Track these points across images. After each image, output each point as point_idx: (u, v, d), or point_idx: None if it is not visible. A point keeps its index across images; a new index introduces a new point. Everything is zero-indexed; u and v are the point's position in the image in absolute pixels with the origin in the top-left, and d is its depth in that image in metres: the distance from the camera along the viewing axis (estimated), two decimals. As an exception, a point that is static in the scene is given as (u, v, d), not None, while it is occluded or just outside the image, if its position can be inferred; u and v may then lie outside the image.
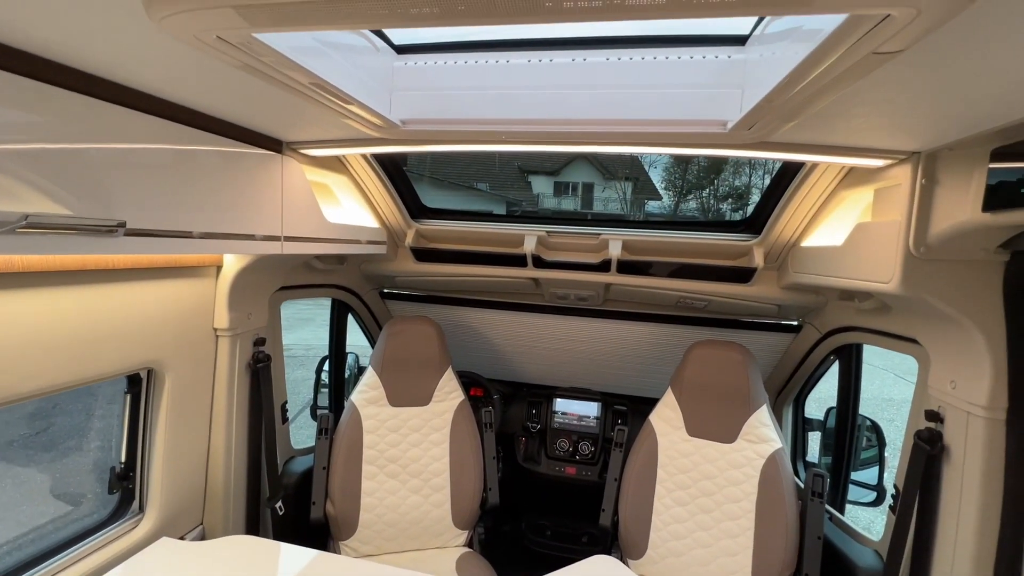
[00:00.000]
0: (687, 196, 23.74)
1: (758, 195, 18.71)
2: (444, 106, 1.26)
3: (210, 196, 1.31)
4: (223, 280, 1.70)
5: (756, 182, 23.05)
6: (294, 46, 0.88)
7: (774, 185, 1.86)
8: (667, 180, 24.23)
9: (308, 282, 2.22)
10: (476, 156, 22.89)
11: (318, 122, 1.37)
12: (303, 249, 1.69)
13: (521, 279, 2.43)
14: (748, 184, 23.05)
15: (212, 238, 1.32)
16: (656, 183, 23.66)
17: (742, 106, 1.11)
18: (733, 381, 2.08)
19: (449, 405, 2.39)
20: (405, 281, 2.67)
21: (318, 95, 1.06)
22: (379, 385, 2.34)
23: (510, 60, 1.23)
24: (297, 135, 1.55)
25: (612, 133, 1.20)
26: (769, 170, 25.16)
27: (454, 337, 2.98)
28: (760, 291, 2.15)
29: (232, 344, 1.77)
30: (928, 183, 1.21)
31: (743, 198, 23.12)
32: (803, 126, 1.11)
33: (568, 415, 2.87)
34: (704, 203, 23.37)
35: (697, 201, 23.51)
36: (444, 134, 1.32)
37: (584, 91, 1.19)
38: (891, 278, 1.28)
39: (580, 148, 1.40)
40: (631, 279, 2.25)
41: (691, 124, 1.14)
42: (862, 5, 0.55)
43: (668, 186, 24.20)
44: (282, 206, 1.57)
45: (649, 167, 23.61)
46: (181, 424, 1.66)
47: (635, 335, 2.69)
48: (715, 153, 1.32)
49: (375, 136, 1.40)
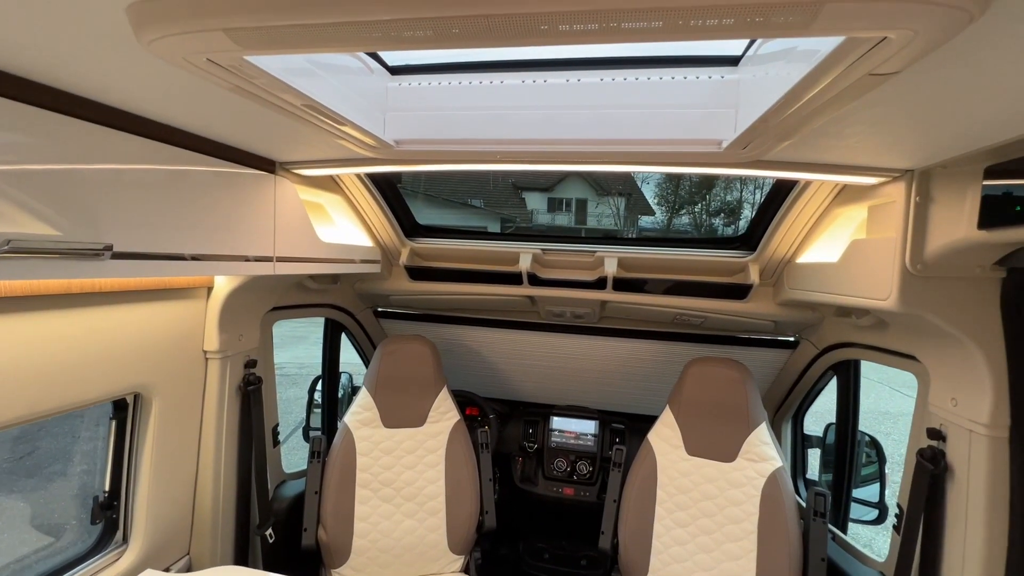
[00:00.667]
0: (679, 211, 23.98)
1: (750, 209, 18.73)
2: (438, 126, 1.25)
3: (201, 217, 1.29)
4: (214, 301, 1.67)
5: (747, 196, 23.35)
6: (286, 67, 0.87)
7: (768, 202, 1.86)
8: (660, 195, 24.51)
9: (301, 302, 2.19)
10: (470, 173, 22.98)
11: (311, 142, 1.36)
12: (296, 270, 1.67)
13: (516, 297, 2.41)
14: (740, 199, 23.35)
15: (203, 260, 1.30)
16: (649, 199, 23.91)
17: (736, 126, 1.11)
18: (732, 399, 2.06)
19: (444, 426, 2.35)
20: (399, 300, 2.65)
21: (311, 116, 1.05)
22: (373, 406, 2.30)
23: (504, 80, 1.23)
24: (290, 155, 1.54)
25: (606, 152, 1.20)
26: (760, 185, 25.64)
27: (449, 356, 2.94)
28: (756, 308, 2.15)
29: (222, 367, 1.73)
30: (923, 201, 1.21)
31: (735, 213, 23.38)
32: (797, 145, 1.11)
33: (565, 434, 2.83)
34: (696, 218, 23.61)
35: (690, 216, 23.76)
36: (438, 154, 1.31)
37: (578, 111, 1.19)
38: (888, 295, 1.28)
39: (574, 167, 1.40)
40: (627, 296, 2.24)
41: (686, 143, 1.14)
42: (858, 29, 0.54)
43: (661, 201, 24.46)
44: (275, 226, 1.55)
45: (642, 183, 23.88)
46: (168, 450, 1.62)
47: (632, 352, 2.67)
48: (710, 171, 1.32)
49: (369, 156, 1.39)
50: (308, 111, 1.01)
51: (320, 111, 1.01)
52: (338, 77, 1.08)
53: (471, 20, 0.57)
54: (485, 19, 0.56)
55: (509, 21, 0.57)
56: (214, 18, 0.61)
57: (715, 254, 2.10)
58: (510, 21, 0.57)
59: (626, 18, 0.55)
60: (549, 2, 0.53)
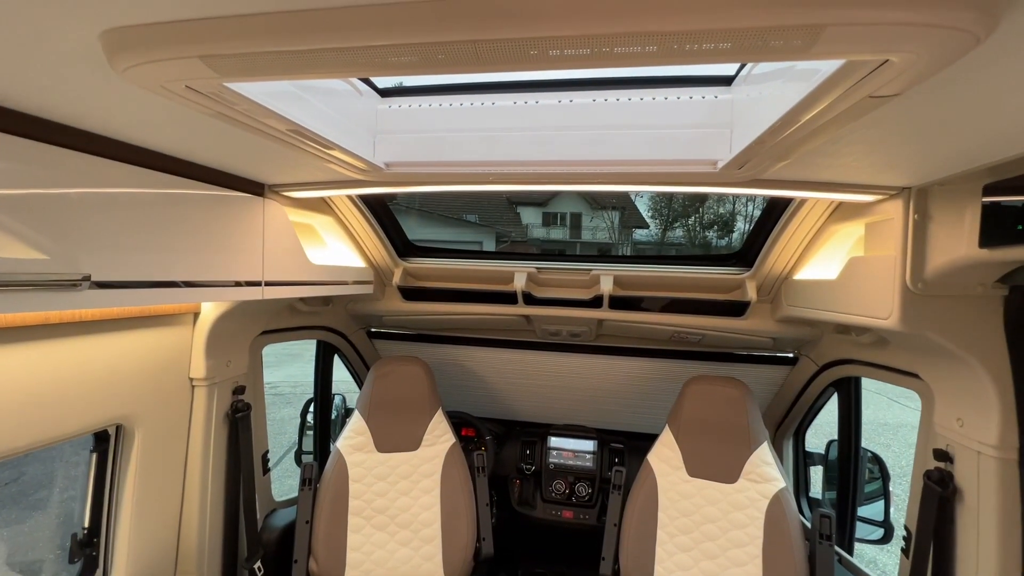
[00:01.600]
0: (673, 224, 24.13)
1: (742, 222, 18.57)
2: (429, 148, 1.23)
3: (187, 242, 1.26)
4: (200, 327, 1.63)
5: (740, 209, 23.55)
6: (270, 92, 0.85)
7: (764, 218, 1.85)
8: (653, 209, 24.68)
9: (292, 325, 2.15)
10: (464, 192, 23.03)
11: (300, 165, 1.33)
12: (286, 293, 1.63)
13: (512, 316, 2.38)
14: (733, 211, 23.54)
15: (188, 287, 1.26)
16: (643, 212, 24.07)
17: (732, 146, 1.09)
18: (732, 418, 2.02)
19: (439, 449, 2.29)
20: (393, 320, 2.61)
21: (298, 141, 1.03)
22: (366, 430, 2.25)
23: (495, 102, 1.21)
24: (279, 178, 1.51)
25: (600, 173, 1.18)
26: (752, 198, 25.86)
27: (444, 376, 2.90)
28: (754, 324, 2.12)
29: (209, 394, 1.68)
30: (921, 218, 1.20)
31: (728, 225, 23.53)
32: (793, 164, 1.09)
33: (564, 455, 2.77)
34: (691, 231, 23.76)
35: (684, 229, 23.91)
36: (430, 176, 1.29)
37: (571, 132, 1.17)
38: (890, 314, 1.26)
39: (568, 187, 1.38)
40: (624, 315, 2.21)
41: (681, 164, 1.13)
42: (860, 52, 0.52)
43: (655, 215, 24.63)
44: (263, 250, 1.52)
45: (636, 197, 24.05)
46: (152, 482, 1.56)
47: (629, 370, 2.64)
48: (704, 190, 1.30)
49: (359, 178, 1.37)
50: (294, 136, 0.99)
51: (306, 136, 0.99)
52: (325, 100, 1.06)
53: (457, 46, 0.55)
54: (472, 45, 0.54)
55: (497, 47, 0.55)
56: (190, 45, 0.58)
57: (711, 271, 2.08)
58: (498, 47, 0.55)
59: (619, 43, 0.53)
60: (538, 27, 0.51)
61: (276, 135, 0.97)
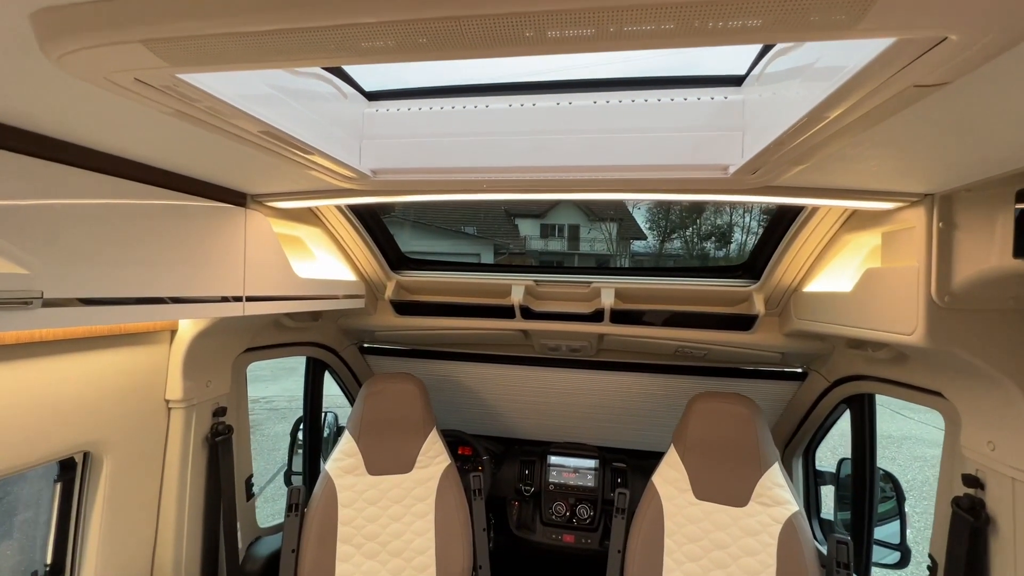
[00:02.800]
0: (671, 235, 24.13)
1: (740, 233, 18.33)
2: (419, 154, 1.15)
3: (159, 256, 1.17)
4: (178, 346, 1.53)
5: (737, 220, 23.59)
6: (245, 94, 0.77)
7: (771, 228, 1.77)
8: (651, 221, 24.66)
9: (279, 341, 2.05)
10: (460, 203, 23.16)
11: (282, 174, 1.25)
12: (270, 309, 1.54)
13: (509, 331, 2.29)
14: (729, 223, 23.54)
15: (158, 303, 1.17)
16: (641, 224, 24.05)
17: (744, 150, 1.01)
18: (741, 438, 1.92)
19: (434, 471, 2.18)
20: (386, 336, 2.51)
21: (275, 146, 0.95)
22: (356, 451, 2.14)
23: (490, 104, 1.13)
24: (262, 187, 1.43)
25: (602, 180, 1.10)
26: (750, 209, 25.91)
27: (440, 393, 2.79)
28: (762, 339, 2.03)
29: (187, 416, 1.58)
30: (946, 227, 1.12)
31: (725, 236, 23.55)
32: (809, 169, 1.01)
33: (564, 475, 2.66)
34: (688, 242, 23.76)
35: (681, 240, 23.89)
36: (420, 184, 1.21)
37: (570, 136, 1.09)
38: (914, 329, 1.17)
39: (568, 195, 1.30)
40: (626, 329, 2.12)
41: (689, 169, 1.05)
42: (915, 27, 0.44)
43: (652, 226, 24.60)
44: (245, 263, 1.43)
45: (633, 208, 24.05)
46: (122, 513, 1.45)
47: (631, 386, 2.54)
48: (713, 199, 1.22)
49: (346, 187, 1.28)
50: (270, 140, 0.90)
51: (283, 140, 0.91)
52: (304, 103, 0.98)
53: (440, 25, 0.47)
54: (456, 23, 0.46)
55: (487, 25, 0.47)
56: (130, 27, 0.50)
57: (717, 283, 1.99)
58: (488, 25, 0.47)
59: (629, 19, 0.45)
60: (534, 0, 0.43)
61: (250, 139, 0.88)
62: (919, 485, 6.77)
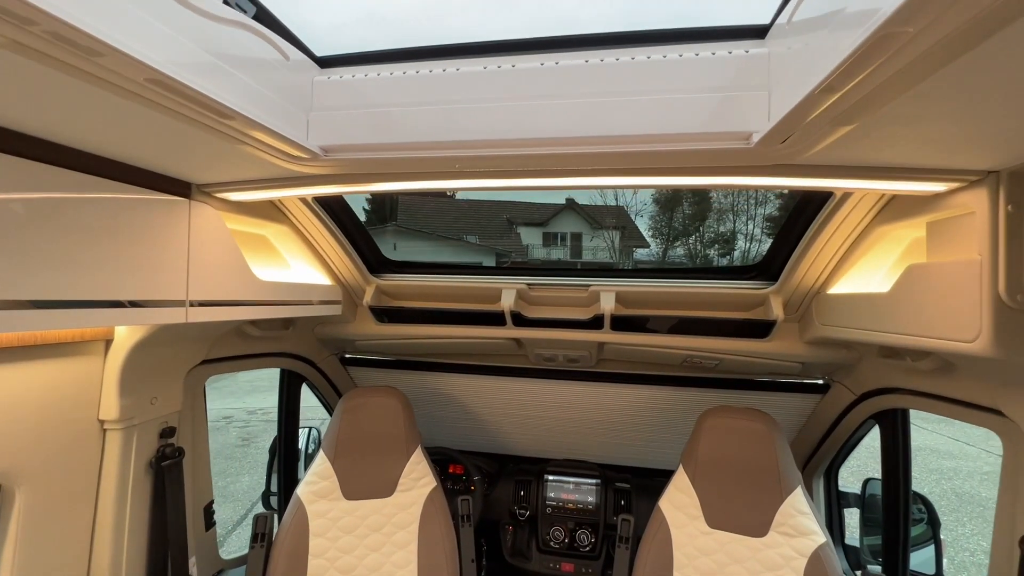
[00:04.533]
0: (674, 243, 23.99)
1: (743, 240, 18.25)
2: (377, 128, 0.96)
3: (82, 255, 0.98)
4: (114, 358, 1.34)
5: (740, 228, 23.41)
6: (177, 61, 0.58)
7: (792, 222, 1.57)
8: (654, 228, 24.59)
9: (243, 352, 1.85)
10: (459, 205, 23.19)
11: (223, 156, 1.07)
12: (222, 315, 1.35)
13: (500, 340, 2.09)
14: (733, 230, 23.42)
15: (78, 308, 0.98)
16: (642, 231, 23.98)
17: (771, 112, 0.82)
18: (759, 458, 1.71)
19: (417, 495, 1.97)
20: (366, 345, 2.31)
21: (181, 105, 0.76)
22: (331, 474, 1.94)
23: (460, 68, 0.95)
24: (206, 174, 1.24)
25: (597, 154, 0.91)
26: (752, 216, 25.70)
27: (428, 407, 2.59)
28: (780, 347, 1.83)
29: (125, 439, 1.38)
30: (1016, 210, 0.92)
31: (729, 243, 23.35)
32: (851, 137, 0.82)
33: (563, 496, 2.45)
34: (691, 250, 23.60)
35: (684, 248, 23.78)
36: (380, 164, 1.02)
37: (558, 103, 0.90)
38: (976, 335, 0.96)
39: (556, 182, 1.10)
40: (628, 337, 1.92)
41: (703, 139, 0.85)
42: None
43: (655, 234, 24.52)
44: (189, 263, 1.24)
45: (636, 216, 24.01)
46: (43, 554, 1.25)
47: (635, 400, 2.33)
48: (733, 182, 1.02)
49: (296, 171, 1.10)
50: (165, 94, 0.72)
51: (189, 97, 0.72)
52: (235, 64, 0.79)
53: None
54: None
55: None
56: None
57: (729, 285, 1.79)
58: None
59: None
60: None
61: (140, 91, 0.70)
62: (935, 499, 6.49)
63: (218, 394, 10.95)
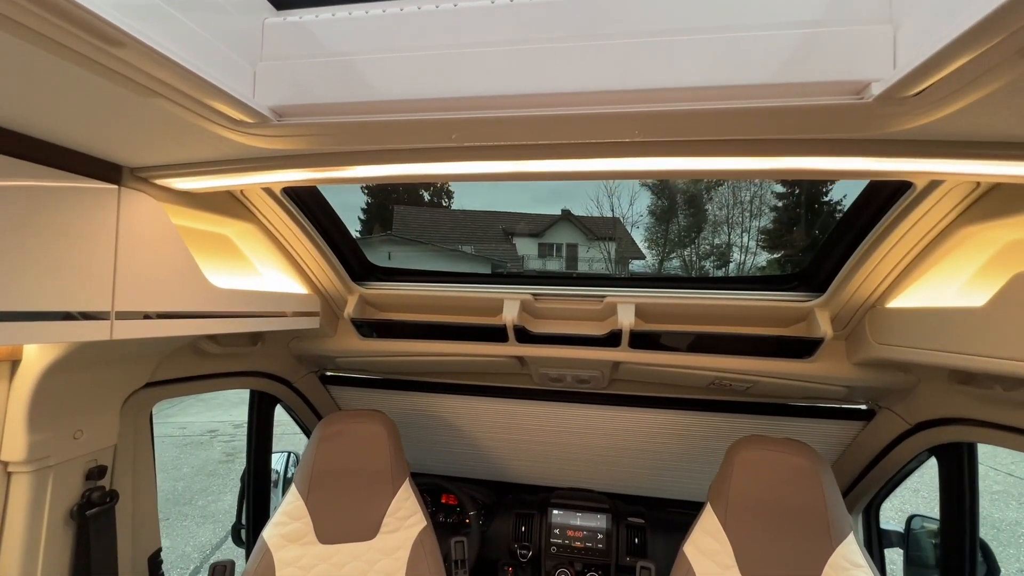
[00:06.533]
0: (670, 255, 23.86)
1: (739, 253, 17.92)
2: (349, 84, 0.72)
3: None
4: (20, 384, 1.07)
5: (736, 240, 23.31)
6: None
7: (847, 223, 1.34)
8: (650, 240, 24.48)
9: (199, 372, 1.58)
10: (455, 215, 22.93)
11: (148, 124, 0.82)
12: (159, 330, 1.08)
13: (501, 358, 1.83)
14: (728, 242, 23.32)
15: None
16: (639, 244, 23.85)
17: (898, 54, 0.58)
18: (803, 499, 1.46)
19: (405, 537, 1.70)
20: (349, 363, 2.05)
21: (66, 35, 0.51)
22: (304, 513, 1.67)
23: (458, 3, 0.71)
24: (141, 154, 1.00)
25: (640, 114, 0.66)
26: (747, 228, 25.61)
27: (418, 430, 2.32)
28: (825, 368, 1.58)
29: (37, 484, 1.11)
30: None
31: (724, 256, 23.22)
32: (988, 103, 0.58)
33: (568, 533, 2.18)
34: (686, 261, 23.45)
35: (680, 260, 23.65)
36: (353, 133, 0.77)
37: (591, 44, 0.66)
38: None
39: (580, 164, 0.85)
40: (649, 356, 1.67)
41: (795, 92, 0.61)
42: None
43: (651, 245, 24.41)
44: (116, 265, 0.99)
45: (632, 228, 23.90)
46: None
47: (650, 425, 2.08)
48: (818, 167, 0.77)
49: (249, 147, 0.85)
50: (64, 27, 0.47)
51: (100, 35, 0.48)
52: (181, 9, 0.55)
53: None
54: None
55: None
56: None
57: (767, 297, 1.55)
58: None
59: None
60: None
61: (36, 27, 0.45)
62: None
63: (204, 406, 10.59)
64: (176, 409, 10.18)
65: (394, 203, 23.04)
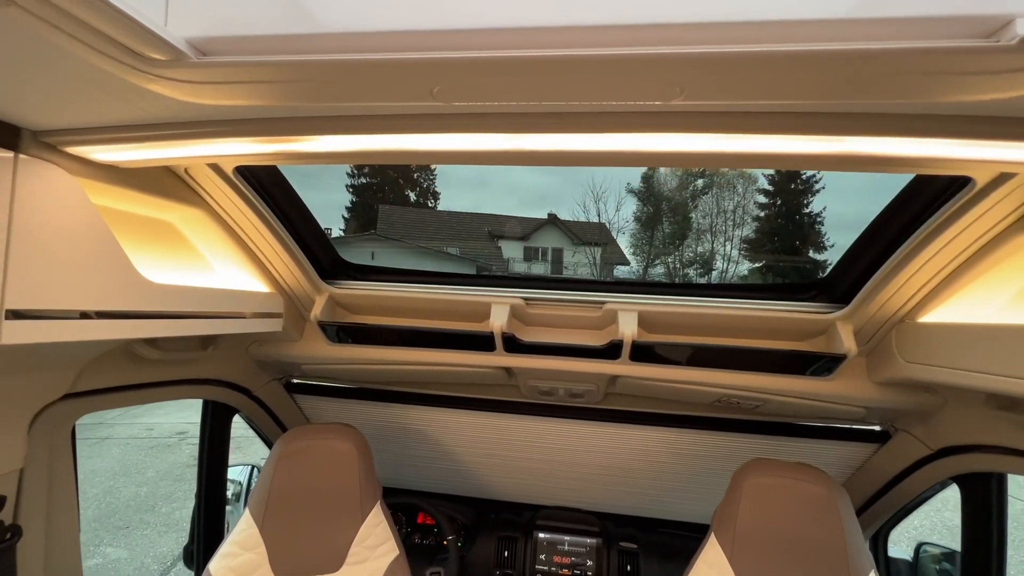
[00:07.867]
0: (655, 262, 23.96)
1: (722, 262, 18.05)
2: (289, 10, 0.53)
3: None
4: None
5: (719, 248, 23.48)
6: None
7: (881, 225, 1.19)
8: (635, 246, 24.56)
9: (134, 381, 1.36)
10: (441, 216, 22.54)
11: (53, 74, 0.63)
12: (68, 333, 0.88)
13: (487, 369, 1.65)
14: (711, 250, 23.49)
15: None
16: (624, 250, 23.91)
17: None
18: (820, 531, 1.31)
19: (374, 567, 1.51)
20: (317, 370, 1.85)
21: None
22: (258, 542, 1.46)
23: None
24: (47, 115, 0.80)
25: (686, 58, 0.49)
26: (730, 238, 25.81)
27: (392, 443, 2.12)
28: (845, 388, 1.44)
29: None
30: None
31: (708, 264, 23.41)
32: None
33: (555, 560, 2.01)
34: (670, 268, 23.58)
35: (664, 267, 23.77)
36: (299, 80, 0.59)
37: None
38: None
39: (596, 139, 0.68)
40: (652, 370, 1.51)
41: (903, 29, 0.45)
42: None
43: (636, 251, 24.49)
44: (8, 250, 0.78)
45: (617, 233, 23.96)
46: None
47: (647, 443, 1.91)
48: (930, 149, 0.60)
49: (171, 99, 0.66)
50: None
51: None
52: None
53: None
54: None
55: None
56: None
57: (783, 308, 1.40)
58: None
59: None
60: None
61: None
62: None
63: (174, 407, 10.15)
64: (143, 410, 9.73)
65: (379, 202, 22.72)
